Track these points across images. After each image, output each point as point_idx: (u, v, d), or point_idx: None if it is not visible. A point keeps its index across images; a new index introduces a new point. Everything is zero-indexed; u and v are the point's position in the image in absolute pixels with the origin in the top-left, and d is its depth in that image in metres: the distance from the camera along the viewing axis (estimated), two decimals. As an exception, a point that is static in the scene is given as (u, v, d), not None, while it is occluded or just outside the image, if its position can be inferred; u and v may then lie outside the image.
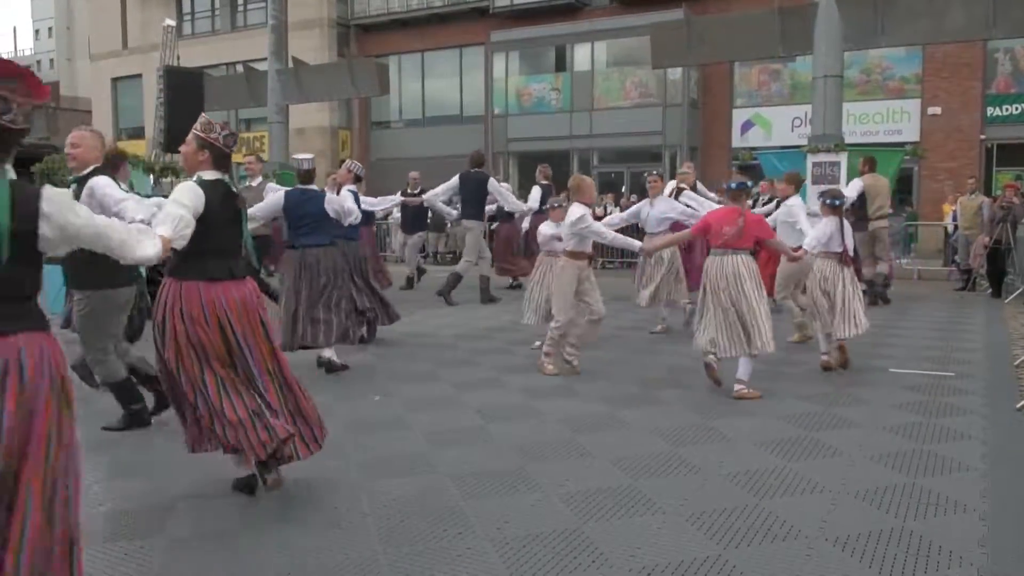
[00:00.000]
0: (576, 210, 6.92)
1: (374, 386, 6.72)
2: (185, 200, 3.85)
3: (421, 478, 4.46)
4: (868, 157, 12.25)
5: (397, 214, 15.13)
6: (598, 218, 9.19)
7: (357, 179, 9.03)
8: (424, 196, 12.58)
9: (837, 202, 7.11)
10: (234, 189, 4.23)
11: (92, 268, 4.83)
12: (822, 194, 7.52)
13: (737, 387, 6.23)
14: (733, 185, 6.60)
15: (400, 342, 8.64)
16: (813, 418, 5.65)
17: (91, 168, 5.30)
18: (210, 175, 4.11)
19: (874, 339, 8.74)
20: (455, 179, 11.55)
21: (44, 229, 2.55)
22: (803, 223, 8.05)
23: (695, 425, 5.49)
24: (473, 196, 11.49)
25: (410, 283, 13.71)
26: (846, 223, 7.11)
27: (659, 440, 5.15)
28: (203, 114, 4.26)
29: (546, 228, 7.78)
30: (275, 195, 7.52)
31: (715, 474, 4.51)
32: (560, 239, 7.22)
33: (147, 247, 3.04)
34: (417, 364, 7.63)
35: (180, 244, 3.67)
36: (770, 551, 3.51)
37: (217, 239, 4.01)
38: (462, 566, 3.39)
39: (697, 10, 21.91)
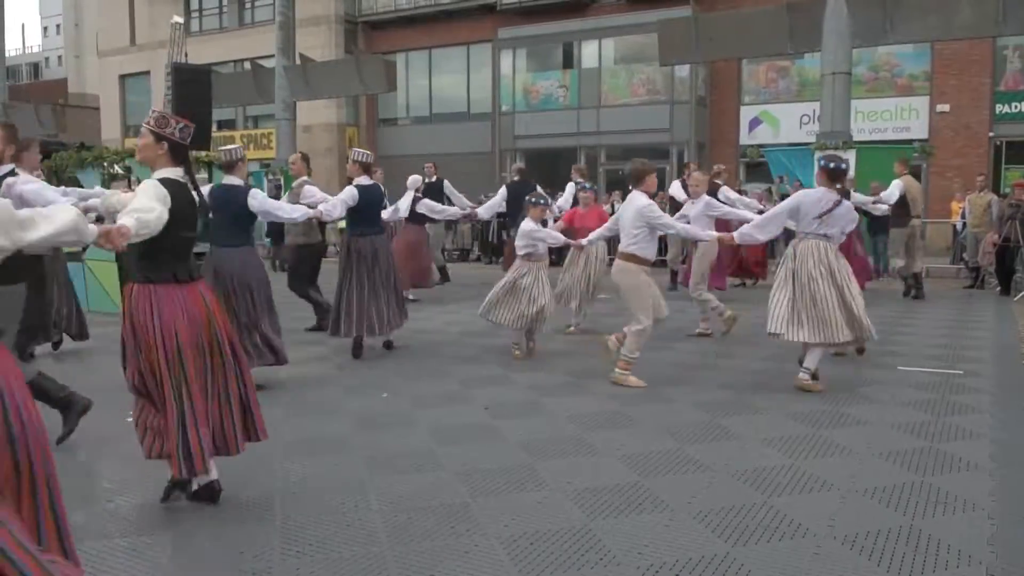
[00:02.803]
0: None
1: (381, 383, 6.73)
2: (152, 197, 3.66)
3: (428, 475, 4.46)
4: (905, 159, 12.38)
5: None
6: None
7: (366, 168, 8.06)
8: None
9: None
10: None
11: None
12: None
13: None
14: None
15: (407, 339, 8.65)
16: (821, 416, 5.64)
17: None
18: (170, 172, 3.88)
19: (882, 337, 8.72)
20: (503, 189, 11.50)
21: None
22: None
23: (702, 423, 5.49)
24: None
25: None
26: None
27: (666, 438, 5.15)
28: (154, 109, 4.06)
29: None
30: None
31: (723, 472, 4.51)
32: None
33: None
34: (424, 361, 7.64)
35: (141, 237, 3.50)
36: (778, 549, 3.51)
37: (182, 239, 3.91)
38: (469, 563, 3.39)
39: (705, 7, 21.94)
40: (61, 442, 4.96)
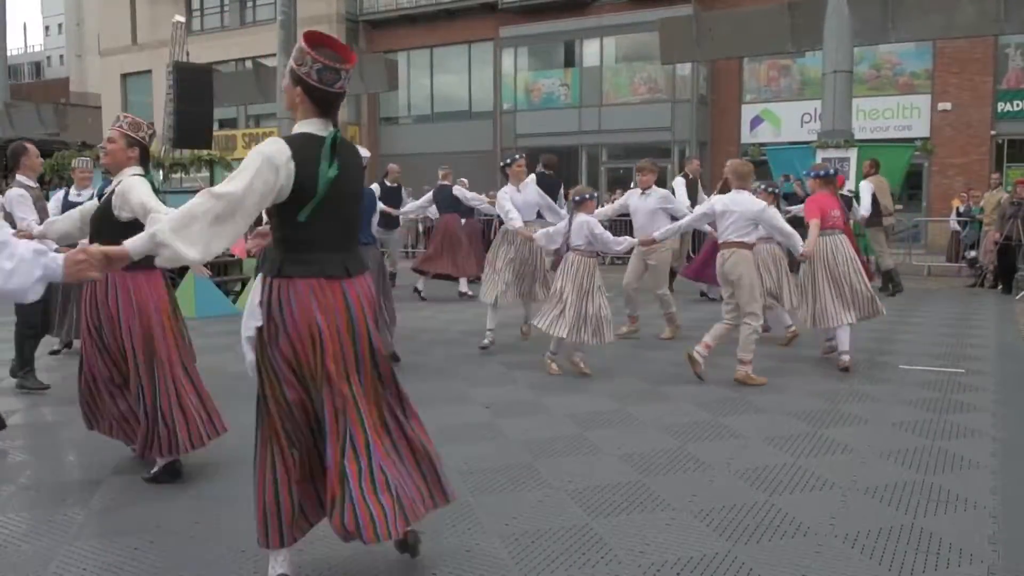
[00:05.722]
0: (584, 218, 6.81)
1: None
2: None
3: (430, 474, 4.45)
4: (873, 159, 12.50)
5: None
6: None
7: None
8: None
9: (577, 197, 6.90)
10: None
11: None
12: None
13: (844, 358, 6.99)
14: (823, 173, 7.44)
15: (410, 338, 8.64)
16: (822, 414, 5.64)
17: None
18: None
19: (884, 335, 8.72)
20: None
21: None
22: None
23: (703, 421, 5.49)
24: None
25: None
26: (578, 220, 6.82)
27: (667, 436, 5.15)
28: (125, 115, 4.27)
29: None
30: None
31: (724, 470, 4.51)
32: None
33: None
34: (426, 359, 7.64)
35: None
36: (779, 548, 3.50)
37: None
38: (471, 561, 3.39)
39: (706, 5, 21.93)
40: None
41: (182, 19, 22.74)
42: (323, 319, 2.89)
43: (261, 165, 2.79)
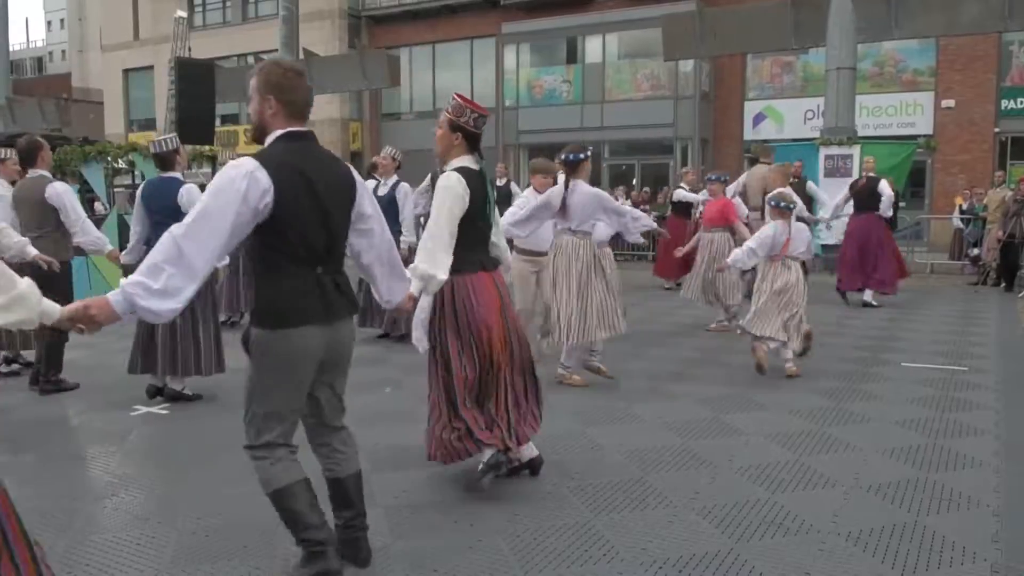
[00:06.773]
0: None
1: (385, 378, 6.72)
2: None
3: (431, 470, 4.45)
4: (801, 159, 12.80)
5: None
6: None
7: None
8: None
9: (783, 204, 6.71)
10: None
11: None
12: (771, 197, 7.10)
13: None
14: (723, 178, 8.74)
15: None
16: (824, 412, 5.63)
17: None
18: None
19: (886, 333, 8.72)
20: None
21: None
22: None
23: (706, 419, 5.48)
24: None
25: None
26: (797, 225, 6.81)
27: (670, 434, 5.14)
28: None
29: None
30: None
31: (726, 468, 4.50)
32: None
33: None
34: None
35: None
36: (782, 545, 3.50)
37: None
38: (473, 558, 3.39)
39: (709, 2, 21.86)
40: None
41: (184, 14, 22.77)
42: (486, 303, 3.92)
43: (454, 201, 3.80)
